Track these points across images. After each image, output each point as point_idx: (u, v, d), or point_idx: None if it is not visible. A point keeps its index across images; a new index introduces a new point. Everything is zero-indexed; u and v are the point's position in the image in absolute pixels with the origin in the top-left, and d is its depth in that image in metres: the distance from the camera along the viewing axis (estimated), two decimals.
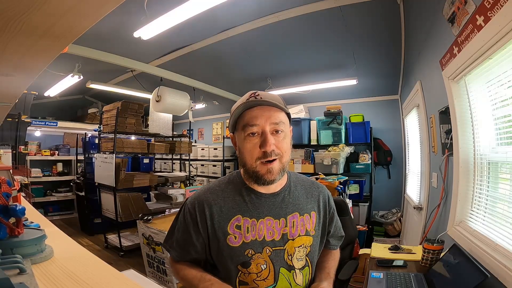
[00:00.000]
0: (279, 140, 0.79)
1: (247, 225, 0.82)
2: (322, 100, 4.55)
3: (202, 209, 0.83)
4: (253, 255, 0.80)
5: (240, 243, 0.80)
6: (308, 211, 0.89)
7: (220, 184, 0.90)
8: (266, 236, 0.82)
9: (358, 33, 2.78)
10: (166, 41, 2.93)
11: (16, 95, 1.06)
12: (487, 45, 1.10)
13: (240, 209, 0.83)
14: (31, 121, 4.66)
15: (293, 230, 0.84)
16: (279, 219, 0.84)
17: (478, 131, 1.43)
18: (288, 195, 0.88)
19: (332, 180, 3.14)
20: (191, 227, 0.84)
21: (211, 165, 5.51)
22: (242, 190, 0.86)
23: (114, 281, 0.56)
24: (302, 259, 0.85)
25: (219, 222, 0.82)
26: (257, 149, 0.78)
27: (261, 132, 0.78)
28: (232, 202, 0.84)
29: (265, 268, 0.81)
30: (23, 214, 0.62)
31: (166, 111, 3.98)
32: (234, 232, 0.81)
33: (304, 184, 0.95)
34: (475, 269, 1.03)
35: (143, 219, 2.68)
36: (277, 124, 0.79)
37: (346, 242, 1.83)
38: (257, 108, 0.79)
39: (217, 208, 0.83)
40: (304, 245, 0.85)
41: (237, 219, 0.82)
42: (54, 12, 0.46)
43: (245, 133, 0.79)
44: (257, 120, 0.78)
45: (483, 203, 1.38)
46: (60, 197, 5.18)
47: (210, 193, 0.86)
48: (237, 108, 0.82)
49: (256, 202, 0.84)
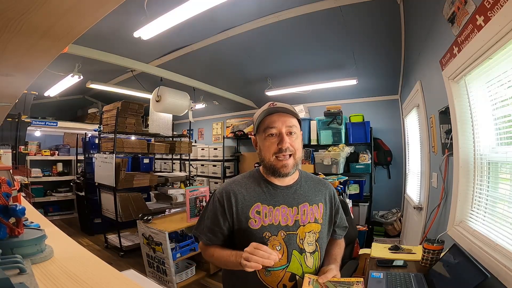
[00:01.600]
0: (293, 140, 0.97)
1: (265, 211, 0.97)
2: (322, 100, 4.55)
3: (229, 197, 0.99)
4: (270, 237, 0.95)
5: (259, 226, 0.96)
6: (317, 202, 1.04)
7: (243, 177, 1.07)
8: (281, 222, 0.97)
9: (358, 33, 2.78)
10: (166, 41, 2.92)
11: (16, 95, 1.06)
12: (487, 45, 1.10)
13: (260, 197, 0.99)
14: (31, 121, 4.66)
15: (304, 217, 0.99)
16: (292, 208, 0.99)
17: (478, 131, 1.43)
18: (299, 188, 1.04)
19: (332, 180, 3.14)
20: (219, 213, 1.00)
21: (211, 165, 5.51)
22: (261, 182, 1.03)
23: (114, 281, 0.56)
24: (313, 244, 1.00)
25: (242, 208, 0.98)
26: (275, 146, 0.96)
27: (278, 133, 0.97)
28: (253, 192, 1.01)
29: (279, 249, 0.94)
30: (23, 214, 0.62)
31: (166, 111, 3.98)
32: (254, 217, 0.96)
33: (313, 180, 1.11)
34: (475, 269, 1.03)
35: (143, 219, 2.68)
36: (291, 127, 0.98)
37: (346, 242, 1.82)
38: (275, 115, 0.98)
39: (241, 196, 0.99)
40: (313, 231, 1.00)
41: (257, 206, 0.98)
42: (54, 12, 0.46)
43: (265, 134, 0.98)
44: (275, 124, 0.97)
45: (483, 203, 1.38)
46: (60, 197, 5.18)
47: (235, 184, 1.03)
48: (259, 115, 1.01)
49: (273, 192, 1.01)
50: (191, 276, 2.66)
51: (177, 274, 2.51)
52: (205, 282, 2.74)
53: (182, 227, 2.65)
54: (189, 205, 2.67)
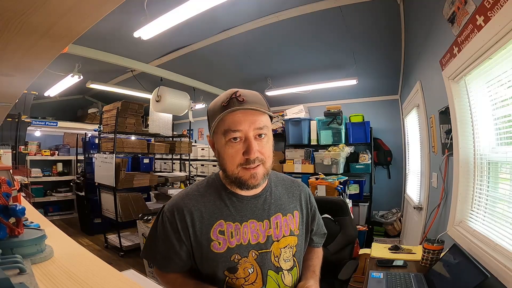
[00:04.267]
0: (263, 144, 0.76)
1: (230, 229, 0.79)
2: (322, 100, 4.54)
3: (182, 216, 0.79)
4: (240, 259, 0.78)
5: (225, 248, 0.78)
6: (291, 210, 0.88)
7: (198, 188, 0.86)
8: (251, 240, 0.80)
9: (358, 33, 2.78)
10: (166, 41, 2.92)
11: (16, 95, 1.05)
12: (487, 45, 1.10)
13: (222, 213, 0.80)
14: (31, 121, 4.66)
15: (277, 231, 0.83)
16: (262, 221, 0.82)
17: (478, 131, 1.43)
18: (269, 196, 0.86)
19: (332, 180, 3.14)
20: (172, 237, 0.80)
21: (211, 165, 5.50)
22: (222, 194, 0.82)
23: (114, 281, 0.56)
24: (290, 259, 0.84)
25: (201, 228, 0.78)
26: (240, 155, 0.74)
27: (244, 138, 0.74)
28: (213, 206, 0.81)
29: (252, 272, 0.79)
30: (23, 214, 0.62)
31: (166, 111, 3.98)
32: (217, 238, 0.78)
33: (285, 183, 0.93)
34: (475, 269, 1.03)
35: (143, 219, 2.68)
36: (261, 129, 0.75)
37: (346, 242, 1.83)
38: (239, 112, 0.73)
39: (198, 214, 0.79)
40: (289, 245, 0.84)
41: (219, 224, 0.79)
42: (54, 12, 0.46)
43: (226, 138, 0.75)
44: (240, 126, 0.73)
45: (483, 203, 1.38)
46: (60, 197, 5.18)
47: (189, 199, 0.82)
48: (217, 111, 0.76)
49: (238, 206, 0.82)
50: None
51: None
52: None
53: None
54: None
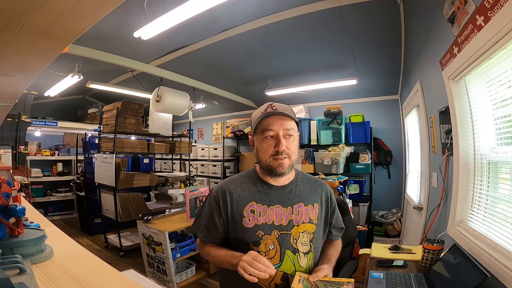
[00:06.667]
0: (289, 142, 0.99)
1: (259, 210, 0.99)
2: (322, 100, 4.55)
3: (224, 195, 1.02)
4: (263, 235, 0.97)
5: (253, 224, 0.98)
6: (312, 202, 1.05)
7: (240, 177, 1.10)
8: (275, 221, 0.99)
9: (358, 33, 2.78)
10: (166, 41, 2.92)
11: (16, 95, 1.05)
12: (487, 45, 1.10)
13: (255, 196, 1.01)
14: (31, 121, 4.66)
15: (298, 217, 1.01)
16: (286, 207, 1.01)
17: (478, 131, 1.43)
18: (295, 188, 1.06)
19: (332, 180, 3.13)
20: (215, 211, 1.02)
21: (211, 165, 5.51)
22: (257, 182, 1.05)
23: (114, 281, 0.56)
24: (307, 244, 1.01)
25: (237, 206, 1.00)
26: (272, 148, 0.98)
27: (275, 136, 0.98)
28: (248, 191, 1.03)
29: (272, 248, 0.97)
30: (23, 214, 0.62)
31: (166, 111, 3.98)
32: (248, 215, 0.99)
33: (309, 181, 1.12)
34: (475, 269, 1.03)
35: (143, 219, 2.68)
36: (288, 130, 0.99)
37: (346, 242, 1.82)
38: (273, 117, 0.99)
39: (236, 195, 1.02)
40: (307, 231, 1.01)
41: (251, 205, 1.00)
42: (54, 12, 0.46)
43: (263, 136, 0.99)
44: (273, 126, 0.98)
45: (483, 203, 1.38)
46: (60, 197, 5.18)
47: (231, 183, 1.06)
48: (258, 116, 1.01)
49: (268, 192, 1.03)
50: (191, 276, 2.66)
51: (177, 274, 2.51)
52: (205, 282, 2.74)
53: (182, 227, 2.65)
54: (189, 205, 2.66)
